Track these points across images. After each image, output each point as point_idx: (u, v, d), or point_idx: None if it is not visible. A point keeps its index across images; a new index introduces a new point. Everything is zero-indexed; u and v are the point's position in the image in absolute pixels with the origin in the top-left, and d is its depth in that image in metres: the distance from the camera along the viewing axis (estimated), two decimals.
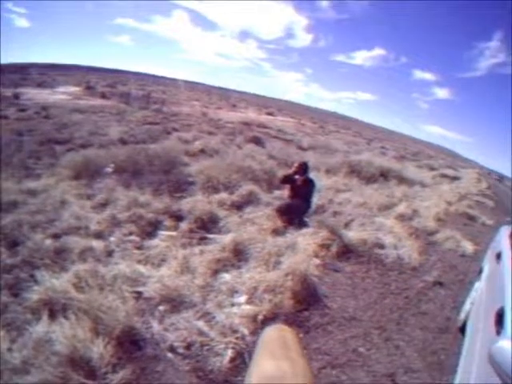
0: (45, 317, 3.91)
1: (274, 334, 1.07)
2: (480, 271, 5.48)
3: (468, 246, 8.90)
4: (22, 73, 58.70)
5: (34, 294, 4.37)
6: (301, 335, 4.55)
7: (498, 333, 2.75)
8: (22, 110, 21.94)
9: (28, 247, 5.61)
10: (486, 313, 3.59)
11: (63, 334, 3.56)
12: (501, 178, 50.74)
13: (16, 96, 28.13)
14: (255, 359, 0.97)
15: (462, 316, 5.19)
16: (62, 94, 36.10)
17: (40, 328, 3.75)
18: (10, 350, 3.51)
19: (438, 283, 6.72)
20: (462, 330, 4.73)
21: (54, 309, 4.14)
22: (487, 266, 5.11)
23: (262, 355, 0.97)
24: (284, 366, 0.90)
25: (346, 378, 4.00)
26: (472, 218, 12.71)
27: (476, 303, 4.51)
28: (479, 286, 4.95)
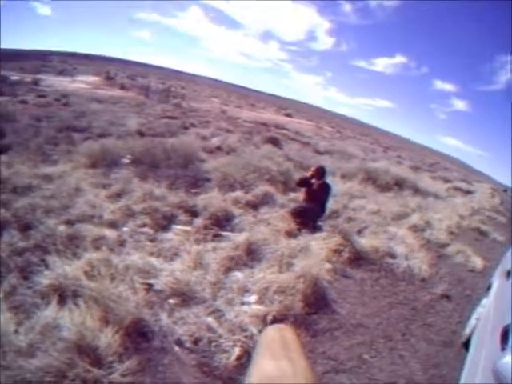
0: (54, 302, 3.92)
1: (274, 333, 1.08)
2: (488, 288, 5.45)
3: (478, 262, 8.83)
4: (43, 60, 58.94)
5: (45, 279, 4.39)
6: (308, 338, 4.56)
7: (503, 349, 2.74)
8: (42, 96, 22.04)
9: (41, 232, 5.63)
10: (492, 329, 3.58)
11: (72, 320, 3.56)
12: (505, 189, 49.26)
13: (36, 82, 28.24)
14: (255, 359, 0.97)
15: (467, 331, 5.17)
16: (81, 83, 36.23)
17: (48, 313, 3.76)
18: (16, 332, 3.52)
19: (446, 296, 6.69)
20: (466, 345, 4.70)
21: (64, 295, 4.16)
22: (496, 283, 5.08)
23: (262, 355, 0.97)
24: (284, 365, 0.90)
25: (348, 383, 4.01)
26: (483, 234, 12.59)
27: (483, 319, 4.50)
28: (487, 302, 4.93)
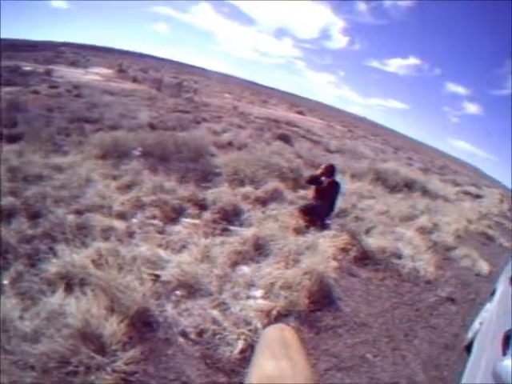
0: (60, 290, 3.97)
1: (275, 333, 1.09)
2: (492, 293, 5.46)
3: (483, 266, 8.82)
4: (57, 51, 58.99)
5: (52, 266, 4.43)
6: (311, 335, 4.59)
7: (505, 354, 2.76)
8: (54, 87, 22.04)
9: (50, 220, 5.66)
10: (494, 333, 3.60)
11: (78, 308, 3.60)
12: None
13: (48, 73, 28.25)
14: (255, 359, 0.99)
15: (470, 335, 5.19)
16: (94, 75, 36.20)
17: (55, 300, 3.81)
18: (21, 317, 3.56)
19: (450, 299, 6.72)
20: (468, 348, 4.72)
21: (71, 283, 4.20)
22: (500, 289, 5.09)
23: (263, 355, 0.99)
24: (284, 365, 0.92)
25: (349, 381, 4.04)
26: (490, 239, 12.54)
27: (485, 323, 4.51)
28: (490, 307, 4.94)
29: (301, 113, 53.92)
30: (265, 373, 0.92)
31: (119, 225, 6.04)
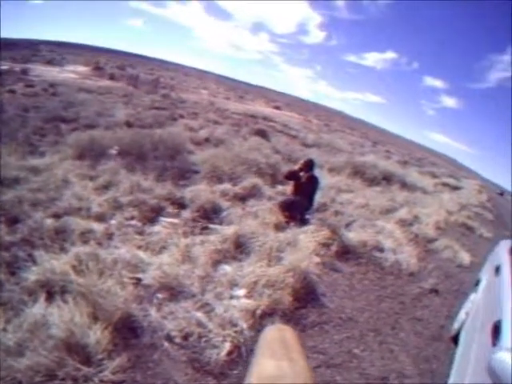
0: (42, 299, 3.90)
1: (274, 333, 1.07)
2: (477, 283, 5.49)
3: (465, 257, 8.91)
4: (33, 49, 58.57)
5: (32, 275, 4.35)
6: (297, 333, 4.56)
7: (494, 344, 2.75)
8: (30, 86, 21.87)
9: (28, 225, 5.58)
10: (482, 324, 3.60)
11: (60, 317, 3.54)
12: (502, 192, 49.60)
13: (24, 71, 28.03)
14: (255, 359, 0.96)
15: (456, 326, 5.22)
16: (70, 73, 35.97)
17: (37, 310, 3.73)
18: (4, 330, 3.48)
19: (434, 291, 6.76)
20: (455, 339, 4.74)
21: (52, 291, 4.13)
22: (485, 279, 5.11)
23: (263, 355, 0.96)
24: (284, 366, 0.89)
25: (340, 378, 4.03)
26: (471, 229, 12.73)
27: (472, 314, 4.52)
28: (475, 297, 4.96)
29: (277, 108, 54.17)
30: (265, 373, 0.90)
31: (98, 227, 5.96)
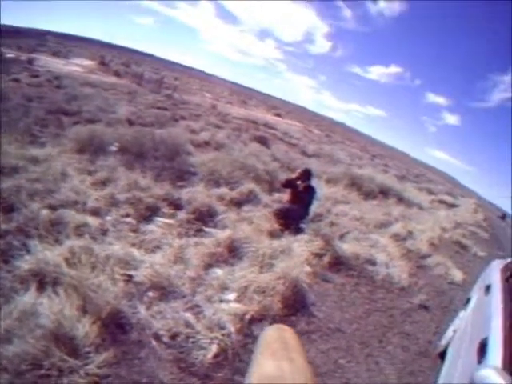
0: (33, 288, 3.90)
1: (274, 334, 1.08)
2: (467, 301, 5.51)
3: (457, 275, 8.95)
4: (40, 39, 58.59)
5: (25, 264, 4.34)
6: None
7: (480, 362, 2.77)
8: (35, 76, 21.85)
9: (24, 215, 5.56)
10: (469, 341, 3.62)
11: (50, 308, 3.54)
12: (504, 214, 47.16)
13: (30, 61, 28.02)
14: (255, 359, 0.97)
15: (443, 342, 5.24)
16: (75, 66, 35.96)
17: (27, 299, 3.72)
18: None
19: (424, 307, 6.81)
20: (442, 355, 4.75)
21: (44, 281, 4.13)
22: (475, 297, 5.13)
23: (263, 355, 0.98)
24: (284, 365, 0.91)
25: None
26: (464, 248, 12.76)
27: (460, 331, 4.54)
28: (465, 315, 4.98)
29: (279, 115, 54.30)
30: (265, 373, 0.91)
31: (93, 222, 5.94)
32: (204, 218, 7.37)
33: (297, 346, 1.03)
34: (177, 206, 7.62)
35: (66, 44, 63.36)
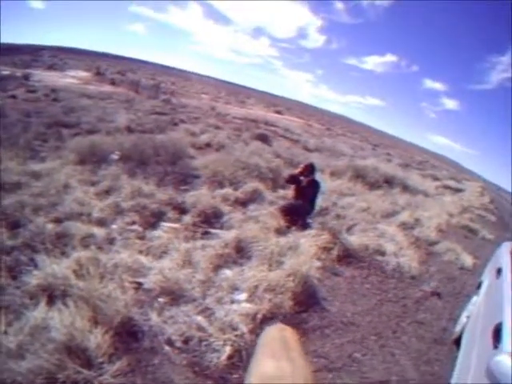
0: (43, 302, 3.89)
1: (274, 333, 1.07)
2: (478, 285, 5.47)
3: (467, 259, 8.89)
4: (34, 54, 58.75)
5: (34, 279, 4.35)
6: (298, 337, 4.55)
7: (496, 347, 2.74)
8: (32, 92, 21.89)
9: (29, 230, 5.57)
10: (483, 327, 3.59)
11: (61, 321, 3.54)
12: None
13: (26, 77, 28.10)
14: (255, 359, 0.96)
15: (458, 328, 5.20)
16: (71, 78, 36.07)
17: (37, 313, 3.72)
18: (5, 333, 3.49)
19: (436, 294, 6.74)
20: (457, 342, 4.72)
21: (53, 295, 4.13)
22: (487, 281, 5.10)
23: (262, 355, 0.97)
24: (284, 365, 0.89)
25: (340, 381, 4.01)
26: (473, 232, 12.70)
27: (473, 317, 4.51)
28: (477, 300, 4.94)
29: (279, 112, 54.27)
30: (265, 373, 0.90)
31: (99, 232, 5.94)
32: (210, 219, 7.36)
33: (297, 346, 1.01)
34: (182, 209, 7.59)
35: (61, 57, 63.55)
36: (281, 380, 0.86)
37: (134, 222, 6.65)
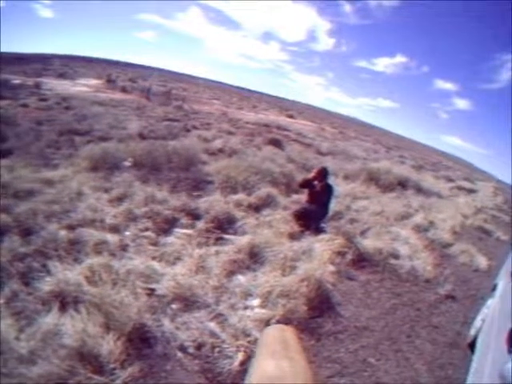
0: (55, 309, 3.92)
1: (275, 333, 1.07)
2: (493, 288, 5.43)
3: (482, 261, 8.84)
4: (45, 63, 59.05)
5: (46, 285, 4.37)
6: (312, 342, 4.55)
7: (510, 352, 2.71)
8: (43, 100, 21.98)
9: (42, 237, 5.59)
10: (497, 331, 3.56)
11: (73, 327, 3.55)
12: None
13: (37, 85, 28.24)
14: (255, 359, 0.97)
15: (473, 332, 5.16)
16: (82, 86, 36.20)
17: (50, 319, 3.75)
18: (17, 338, 3.50)
19: (451, 297, 6.71)
20: (472, 346, 4.68)
21: (65, 301, 4.14)
22: (501, 284, 5.05)
23: (263, 355, 0.97)
24: (284, 365, 0.90)
25: None
26: (487, 233, 12.61)
27: (488, 320, 4.47)
28: (492, 302, 4.90)
29: (291, 116, 54.14)
30: (265, 373, 0.90)
31: (112, 238, 5.94)
32: (223, 225, 7.33)
33: (297, 345, 1.02)
34: (195, 215, 7.58)
35: (72, 65, 63.84)
36: (281, 379, 0.86)
37: (147, 229, 6.64)
